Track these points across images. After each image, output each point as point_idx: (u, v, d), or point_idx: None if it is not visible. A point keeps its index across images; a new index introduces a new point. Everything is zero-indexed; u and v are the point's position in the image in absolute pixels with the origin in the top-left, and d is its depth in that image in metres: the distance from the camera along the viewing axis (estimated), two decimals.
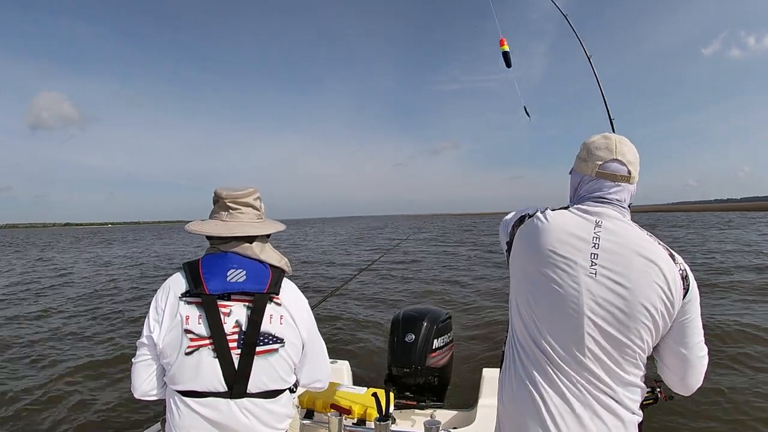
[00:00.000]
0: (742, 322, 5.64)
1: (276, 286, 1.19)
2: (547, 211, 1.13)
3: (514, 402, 1.09)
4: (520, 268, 1.14)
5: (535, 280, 1.08)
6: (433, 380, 2.44)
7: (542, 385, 1.03)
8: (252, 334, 1.12)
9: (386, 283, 10.54)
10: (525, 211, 1.18)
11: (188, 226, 1.26)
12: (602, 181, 1.13)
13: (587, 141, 1.19)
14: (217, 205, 1.27)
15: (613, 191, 1.12)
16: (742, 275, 9.37)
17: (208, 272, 1.16)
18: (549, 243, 1.07)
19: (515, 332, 1.14)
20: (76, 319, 7.48)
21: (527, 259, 1.12)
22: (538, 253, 1.08)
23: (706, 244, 16.80)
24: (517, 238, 1.16)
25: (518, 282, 1.15)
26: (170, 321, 1.12)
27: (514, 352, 1.12)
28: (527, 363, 1.07)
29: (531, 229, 1.12)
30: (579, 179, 1.19)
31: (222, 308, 1.13)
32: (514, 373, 1.10)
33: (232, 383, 1.11)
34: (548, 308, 1.06)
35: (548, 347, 1.04)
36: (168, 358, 1.12)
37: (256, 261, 1.22)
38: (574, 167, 1.22)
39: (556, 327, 1.04)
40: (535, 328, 1.07)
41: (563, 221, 1.09)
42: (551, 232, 1.08)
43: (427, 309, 2.66)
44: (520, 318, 1.12)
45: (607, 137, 1.16)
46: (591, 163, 1.14)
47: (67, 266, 16.65)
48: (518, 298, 1.14)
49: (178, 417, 1.12)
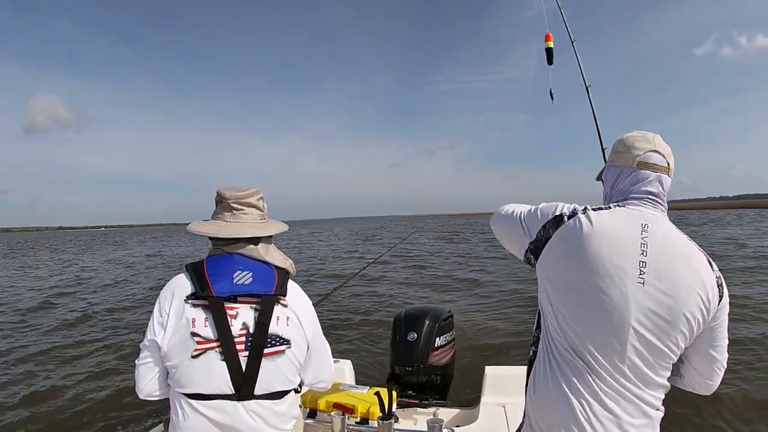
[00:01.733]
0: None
1: (282, 287, 1.18)
2: (588, 212, 1.06)
3: (551, 406, 1.04)
4: (559, 274, 1.06)
5: (579, 289, 1.01)
6: (435, 378, 2.45)
7: (581, 392, 1.00)
8: (260, 337, 1.12)
9: (387, 282, 10.54)
10: (557, 209, 1.09)
11: (191, 227, 1.24)
12: (644, 172, 1.10)
13: (623, 136, 1.17)
14: (221, 205, 1.26)
15: (656, 183, 1.09)
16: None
17: (214, 274, 1.14)
18: (598, 250, 1.00)
19: (551, 338, 1.08)
20: (77, 318, 7.49)
21: (570, 267, 1.03)
22: (586, 261, 1.00)
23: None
24: (557, 243, 1.06)
25: (556, 288, 1.07)
26: (176, 324, 1.10)
27: (550, 357, 1.06)
28: (566, 370, 1.03)
29: (575, 234, 1.03)
30: (618, 172, 1.15)
31: (229, 310, 1.12)
32: (551, 379, 1.05)
33: (240, 385, 1.10)
34: (593, 320, 1.00)
35: (590, 357, 1.00)
36: (173, 360, 1.11)
37: (261, 262, 1.21)
38: (611, 162, 1.19)
39: (599, 338, 1.00)
40: (576, 338, 1.02)
41: (611, 225, 1.03)
42: (600, 237, 1.01)
43: (428, 307, 2.67)
44: (557, 325, 1.06)
45: (642, 132, 1.15)
46: (631, 155, 1.12)
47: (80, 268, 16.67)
48: (555, 305, 1.07)
49: (184, 419, 1.11)
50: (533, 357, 1.13)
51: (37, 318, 7.83)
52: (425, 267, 13.10)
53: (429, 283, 10.18)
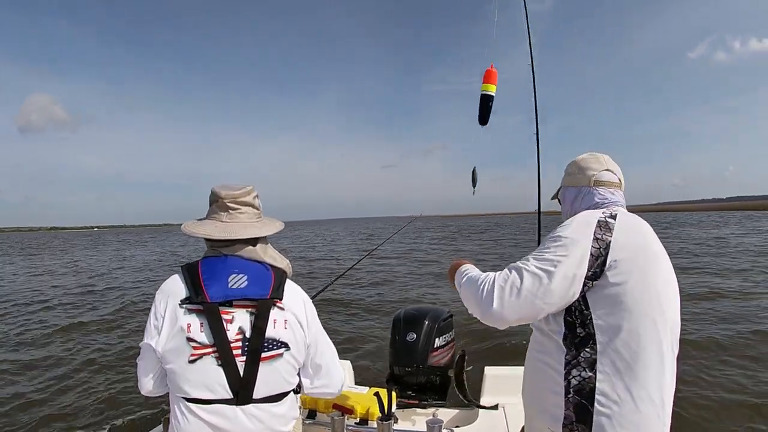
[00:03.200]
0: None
1: (279, 290, 1.16)
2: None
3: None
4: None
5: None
6: (434, 379, 2.44)
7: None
8: (256, 341, 1.10)
9: (387, 282, 10.54)
10: (592, 217, 1.11)
11: (185, 227, 1.20)
12: (601, 189, 1.22)
13: (575, 159, 1.31)
14: (216, 204, 1.22)
15: (612, 198, 1.22)
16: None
17: (208, 278, 1.12)
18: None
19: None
20: (77, 318, 7.48)
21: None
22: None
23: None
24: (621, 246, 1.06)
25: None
26: (171, 329, 1.09)
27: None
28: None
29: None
30: (576, 192, 1.26)
31: (224, 315, 1.10)
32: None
33: (238, 390, 1.09)
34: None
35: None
36: (171, 364, 1.10)
37: (257, 263, 1.19)
38: (567, 184, 1.31)
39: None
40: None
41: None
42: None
43: (428, 308, 2.66)
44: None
45: (593, 154, 1.28)
46: (585, 176, 1.25)
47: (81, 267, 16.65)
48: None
49: (184, 423, 1.10)
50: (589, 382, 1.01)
51: (37, 318, 7.82)
52: (424, 267, 13.10)
53: (428, 283, 10.17)
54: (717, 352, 4.78)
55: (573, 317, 1.05)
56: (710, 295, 7.53)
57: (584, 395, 0.99)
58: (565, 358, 1.04)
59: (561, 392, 1.03)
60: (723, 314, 6.27)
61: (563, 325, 1.06)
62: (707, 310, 6.45)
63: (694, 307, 6.61)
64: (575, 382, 1.01)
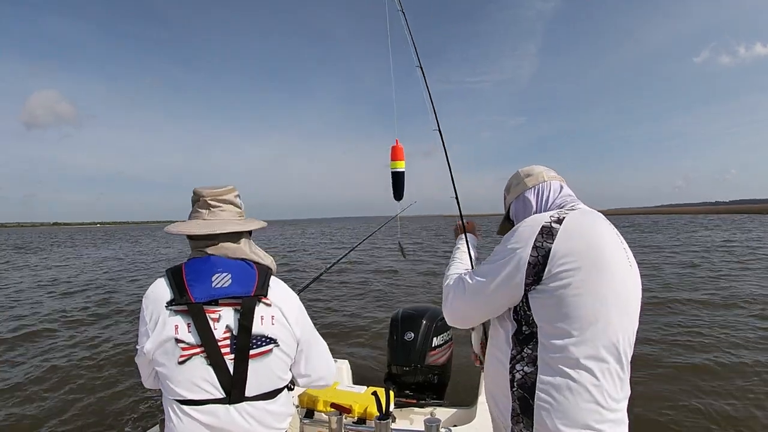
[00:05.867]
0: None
1: (263, 287, 1.16)
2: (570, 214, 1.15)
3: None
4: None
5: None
6: (432, 378, 2.45)
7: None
8: (244, 339, 1.10)
9: (386, 282, 10.55)
10: (536, 222, 1.13)
11: (168, 227, 1.21)
12: (555, 182, 1.31)
13: (516, 172, 1.39)
14: (197, 203, 1.23)
15: (566, 191, 1.30)
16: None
17: (192, 279, 1.12)
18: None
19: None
20: (77, 317, 7.46)
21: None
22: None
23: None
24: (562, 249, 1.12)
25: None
26: (159, 331, 1.09)
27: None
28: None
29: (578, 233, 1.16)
30: (537, 191, 1.31)
31: (210, 314, 1.10)
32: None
33: (230, 389, 1.10)
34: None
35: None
36: (161, 366, 1.10)
37: (241, 261, 1.19)
38: (521, 191, 1.34)
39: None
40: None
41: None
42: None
43: (426, 307, 2.67)
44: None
45: (524, 168, 1.38)
46: (535, 176, 1.33)
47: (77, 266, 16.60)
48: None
49: (179, 425, 1.10)
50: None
51: (39, 317, 7.80)
52: (423, 267, 13.11)
53: (427, 283, 10.18)
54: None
55: (518, 316, 1.11)
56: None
57: (526, 389, 1.06)
58: (511, 352, 1.11)
59: (507, 385, 1.10)
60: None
61: (513, 322, 1.12)
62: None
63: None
64: (519, 376, 1.08)
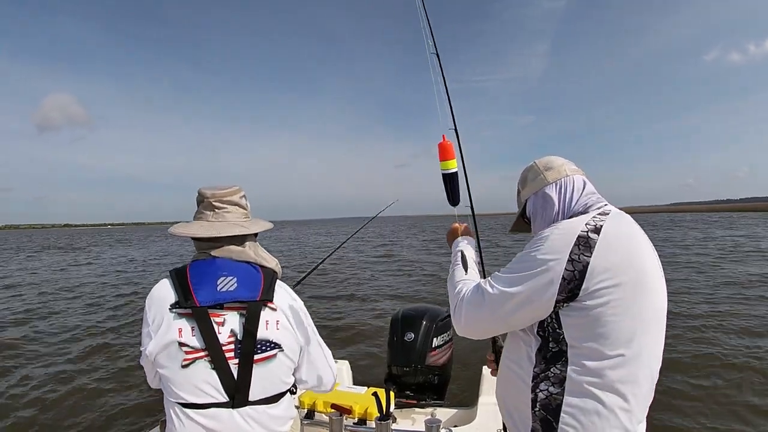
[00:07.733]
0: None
1: (269, 291, 1.14)
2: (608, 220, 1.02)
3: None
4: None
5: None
6: (433, 379, 2.45)
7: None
8: (249, 344, 1.09)
9: (385, 282, 10.55)
10: (573, 230, 1.00)
11: (173, 228, 1.18)
12: (579, 177, 1.13)
13: (530, 165, 1.21)
14: (202, 205, 1.21)
15: (589, 183, 1.14)
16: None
17: (197, 282, 1.10)
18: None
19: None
20: (77, 317, 7.46)
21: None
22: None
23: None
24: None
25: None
26: (162, 334, 1.08)
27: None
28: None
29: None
30: (560, 186, 1.12)
31: (215, 318, 1.09)
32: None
33: (233, 393, 1.09)
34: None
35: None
36: (164, 369, 1.09)
37: (246, 264, 1.17)
38: (541, 185, 1.15)
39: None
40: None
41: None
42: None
43: (426, 308, 2.66)
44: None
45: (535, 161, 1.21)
46: (556, 169, 1.15)
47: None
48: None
49: (179, 427, 1.09)
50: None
51: (39, 316, 7.79)
52: (423, 267, 13.11)
53: (427, 283, 10.18)
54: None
55: (545, 332, 1.00)
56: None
57: (550, 411, 0.96)
58: (533, 370, 1.00)
59: (528, 404, 1.00)
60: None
61: (537, 337, 1.01)
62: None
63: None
64: (542, 396, 0.97)
